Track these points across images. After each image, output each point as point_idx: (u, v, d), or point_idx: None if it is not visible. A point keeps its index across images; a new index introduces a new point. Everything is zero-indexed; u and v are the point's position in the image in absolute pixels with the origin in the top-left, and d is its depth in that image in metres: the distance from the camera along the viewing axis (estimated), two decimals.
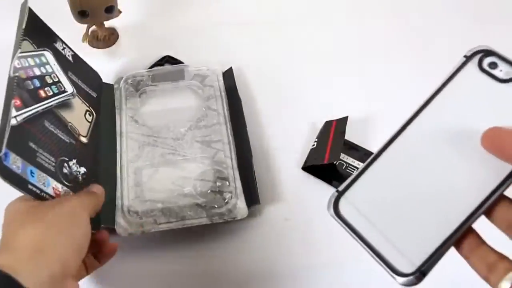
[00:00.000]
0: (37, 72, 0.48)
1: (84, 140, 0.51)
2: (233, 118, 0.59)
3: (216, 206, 0.52)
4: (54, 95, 0.49)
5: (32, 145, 0.43)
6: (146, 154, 0.56)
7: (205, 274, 0.50)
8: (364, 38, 0.72)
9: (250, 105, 0.63)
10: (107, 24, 0.66)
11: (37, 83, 0.47)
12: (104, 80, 0.62)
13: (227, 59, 0.67)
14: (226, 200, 0.52)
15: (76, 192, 0.45)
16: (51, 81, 0.50)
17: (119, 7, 0.65)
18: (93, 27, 0.66)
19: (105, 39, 0.66)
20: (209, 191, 0.53)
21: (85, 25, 0.66)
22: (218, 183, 0.54)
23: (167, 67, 0.65)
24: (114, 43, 0.66)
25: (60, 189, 0.44)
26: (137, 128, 0.58)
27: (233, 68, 0.65)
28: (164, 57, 0.67)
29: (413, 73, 0.67)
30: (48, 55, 0.51)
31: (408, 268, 0.27)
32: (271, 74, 0.67)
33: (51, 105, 0.48)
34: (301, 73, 0.67)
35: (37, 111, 0.46)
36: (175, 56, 0.67)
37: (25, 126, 0.43)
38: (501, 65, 0.29)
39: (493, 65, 0.29)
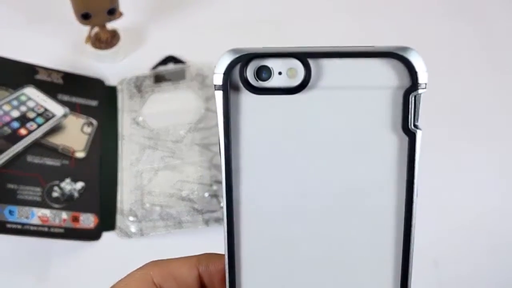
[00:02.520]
0: (15, 114, 0.55)
1: (80, 155, 0.57)
2: None
3: (212, 210, 0.53)
4: (40, 126, 0.55)
5: (10, 186, 0.50)
6: (147, 157, 0.59)
7: None
8: (366, 38, 0.68)
9: None
10: (109, 26, 0.69)
11: (15, 125, 0.54)
12: (107, 82, 0.66)
13: None
14: (222, 204, 0.53)
15: (70, 208, 0.51)
16: (35, 114, 0.56)
17: (121, 9, 0.67)
18: (96, 29, 0.69)
19: (108, 40, 0.69)
20: (206, 195, 0.54)
21: (88, 27, 0.69)
22: (215, 187, 0.54)
23: (169, 67, 0.66)
24: (116, 45, 0.69)
25: (48, 215, 0.50)
26: (139, 130, 0.61)
27: None
28: (167, 57, 0.68)
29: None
30: (30, 90, 0.57)
31: None
32: None
33: (36, 138, 0.54)
34: None
35: (18, 151, 0.52)
36: (177, 57, 0.68)
37: (2, 171, 0.50)
38: (275, 64, 0.21)
39: (264, 72, 0.21)
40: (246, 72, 0.21)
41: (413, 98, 0.20)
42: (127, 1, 0.68)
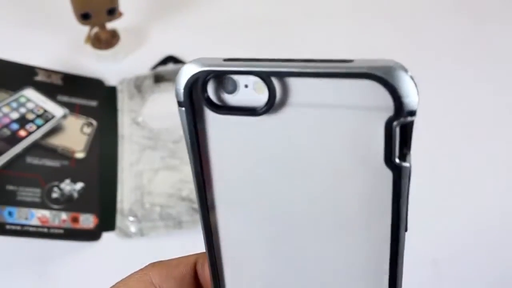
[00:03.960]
0: (15, 116, 0.55)
1: (80, 155, 0.57)
2: None
3: None
4: (39, 127, 0.55)
5: (10, 187, 0.50)
6: (146, 157, 0.59)
7: None
8: (366, 38, 0.69)
9: None
10: (109, 26, 0.69)
11: (15, 126, 0.54)
12: (107, 82, 0.66)
13: None
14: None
15: (70, 209, 0.52)
16: (34, 116, 0.56)
17: (121, 9, 0.67)
18: (96, 29, 0.69)
19: (108, 40, 0.69)
20: None
21: (88, 27, 0.70)
22: None
23: (169, 67, 0.66)
24: (116, 45, 0.69)
25: (48, 216, 0.51)
26: (138, 130, 0.61)
27: None
28: (167, 57, 0.68)
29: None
30: (29, 92, 0.57)
31: None
32: None
33: (35, 140, 0.54)
34: None
35: (17, 153, 0.52)
36: (177, 57, 0.68)
37: (1, 173, 0.50)
38: (240, 77, 0.18)
39: (230, 84, 0.18)
40: (207, 88, 0.18)
41: (398, 128, 0.16)
42: (127, 1, 0.68)
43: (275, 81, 0.17)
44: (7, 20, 0.72)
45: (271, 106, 0.18)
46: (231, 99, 0.18)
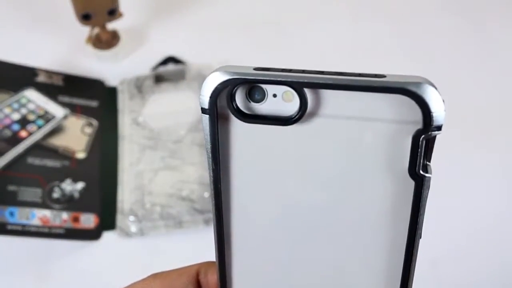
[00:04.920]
0: (16, 117, 0.55)
1: (81, 155, 0.57)
2: None
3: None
4: (40, 127, 0.56)
5: (11, 187, 0.50)
6: (147, 157, 0.59)
7: None
8: (367, 39, 0.69)
9: None
10: (110, 26, 0.70)
11: (16, 127, 0.55)
12: (107, 82, 0.66)
13: (228, 59, 0.66)
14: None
15: (70, 208, 0.52)
16: (35, 117, 0.56)
17: (121, 9, 0.68)
18: (96, 29, 0.70)
19: (108, 41, 0.70)
20: (206, 195, 0.55)
21: (88, 28, 0.70)
22: None
23: (169, 67, 0.67)
24: (117, 45, 0.69)
25: (48, 216, 0.51)
26: (139, 131, 0.61)
27: None
28: (167, 58, 0.68)
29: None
30: (30, 93, 0.58)
31: None
32: None
33: (36, 140, 0.55)
34: None
35: (18, 154, 0.53)
36: (177, 57, 0.68)
37: (2, 173, 0.51)
38: (269, 86, 0.18)
39: (257, 93, 0.18)
40: (235, 96, 0.18)
41: (424, 141, 0.17)
42: (128, 2, 0.68)
43: (307, 92, 0.18)
44: (8, 21, 0.72)
45: (302, 116, 0.18)
46: (258, 108, 0.18)
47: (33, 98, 0.58)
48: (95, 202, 0.55)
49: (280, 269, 0.21)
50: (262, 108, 0.18)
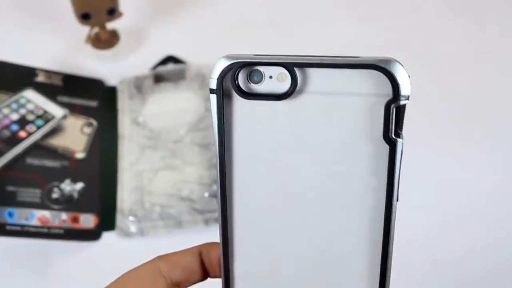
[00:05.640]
0: (15, 117, 0.55)
1: (80, 155, 0.57)
2: None
3: (212, 210, 0.53)
4: (39, 128, 0.56)
5: (10, 188, 0.50)
6: (147, 157, 0.59)
7: None
8: (367, 39, 0.69)
9: None
10: (109, 26, 0.69)
11: (15, 127, 0.54)
12: (107, 82, 0.66)
13: None
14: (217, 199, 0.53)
15: (70, 209, 0.52)
16: (34, 117, 0.56)
17: (121, 9, 0.67)
18: (96, 29, 0.70)
19: (108, 40, 0.69)
20: (206, 195, 0.54)
21: (88, 27, 0.70)
22: (215, 187, 0.54)
23: (169, 67, 0.66)
24: (116, 45, 0.69)
25: (48, 216, 0.51)
26: (139, 130, 0.61)
27: None
28: (167, 57, 0.68)
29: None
30: (29, 93, 0.58)
31: None
32: None
33: (35, 140, 0.55)
34: None
35: (17, 154, 0.53)
36: (177, 57, 0.68)
37: (1, 174, 0.50)
38: (266, 69, 0.22)
39: (256, 76, 0.22)
40: (238, 77, 0.22)
41: (394, 109, 0.20)
42: (127, 1, 0.68)
43: (297, 71, 0.21)
44: (7, 21, 0.72)
45: (293, 91, 0.21)
46: (257, 88, 0.22)
47: (32, 98, 0.58)
48: (95, 202, 0.55)
49: (278, 230, 0.23)
50: (260, 88, 0.22)
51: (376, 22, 0.73)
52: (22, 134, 0.55)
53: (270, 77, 0.22)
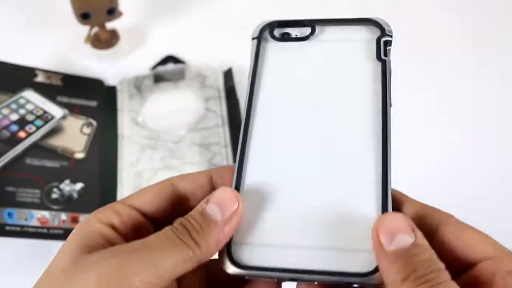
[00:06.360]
0: (14, 118, 0.55)
1: (79, 155, 0.57)
2: (232, 120, 0.59)
3: None
4: (39, 128, 0.56)
5: (9, 188, 0.50)
6: (146, 157, 0.59)
7: None
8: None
9: None
10: (109, 25, 0.69)
11: (14, 128, 0.54)
12: (107, 81, 0.66)
13: (227, 59, 0.66)
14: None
15: (69, 209, 0.52)
16: (33, 117, 0.56)
17: (120, 8, 0.67)
18: (95, 28, 0.70)
19: (107, 40, 0.69)
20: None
21: (88, 27, 0.70)
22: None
23: (168, 67, 0.66)
24: (116, 45, 0.69)
25: (47, 217, 0.51)
26: (138, 130, 0.61)
27: (233, 68, 0.65)
28: (167, 57, 0.68)
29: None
30: (28, 93, 0.58)
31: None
32: None
33: (35, 141, 0.55)
34: None
35: (17, 154, 0.53)
36: (177, 56, 0.68)
37: (1, 174, 0.50)
38: (292, 30, 0.31)
39: (286, 34, 0.30)
40: (274, 32, 0.30)
41: (383, 42, 0.28)
42: (127, 1, 0.68)
43: (317, 27, 0.30)
44: (5, 21, 0.72)
45: (312, 34, 0.30)
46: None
47: (32, 98, 0.58)
48: (94, 202, 0.55)
49: (289, 154, 0.27)
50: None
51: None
52: (22, 134, 0.54)
53: (296, 35, 0.30)
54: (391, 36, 0.29)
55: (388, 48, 0.28)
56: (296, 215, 0.25)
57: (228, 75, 0.65)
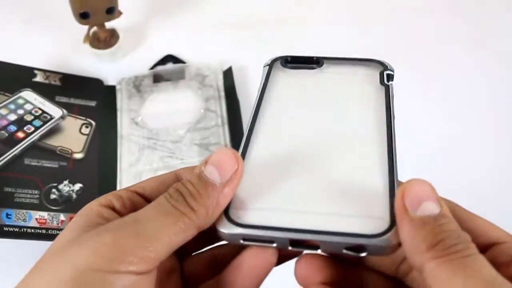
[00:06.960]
0: (12, 118, 0.55)
1: (79, 156, 0.57)
2: (231, 120, 0.59)
3: None
4: (37, 128, 0.55)
5: (8, 189, 0.50)
6: (146, 157, 0.59)
7: None
8: (367, 39, 0.70)
9: (249, 105, 0.61)
10: (108, 25, 0.69)
11: (12, 128, 0.54)
12: (106, 81, 0.66)
13: (227, 59, 0.66)
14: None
15: (68, 210, 0.51)
16: (32, 117, 0.56)
17: (120, 8, 0.67)
18: (94, 28, 0.69)
19: (106, 40, 0.69)
20: None
21: (87, 27, 0.69)
22: None
23: (168, 66, 0.66)
24: (115, 44, 0.69)
25: (46, 217, 0.51)
26: (138, 130, 0.61)
27: (233, 67, 0.64)
28: (166, 56, 0.68)
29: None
30: (27, 94, 0.57)
31: (382, 224, 0.22)
32: None
33: (33, 141, 0.54)
34: None
35: (15, 155, 0.52)
36: (176, 56, 0.68)
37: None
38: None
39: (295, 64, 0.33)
40: (284, 62, 0.33)
41: (386, 74, 0.31)
42: (126, 1, 0.68)
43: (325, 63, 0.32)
44: (4, 20, 0.72)
45: (321, 65, 0.32)
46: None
47: (30, 98, 0.57)
48: None
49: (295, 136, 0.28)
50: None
51: (377, 22, 0.73)
52: (20, 134, 0.54)
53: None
54: (393, 72, 0.31)
55: (390, 81, 0.31)
56: (301, 183, 0.25)
57: (227, 74, 0.65)
